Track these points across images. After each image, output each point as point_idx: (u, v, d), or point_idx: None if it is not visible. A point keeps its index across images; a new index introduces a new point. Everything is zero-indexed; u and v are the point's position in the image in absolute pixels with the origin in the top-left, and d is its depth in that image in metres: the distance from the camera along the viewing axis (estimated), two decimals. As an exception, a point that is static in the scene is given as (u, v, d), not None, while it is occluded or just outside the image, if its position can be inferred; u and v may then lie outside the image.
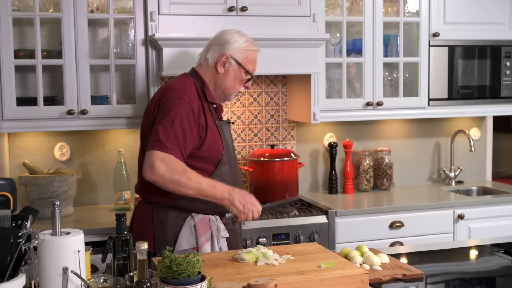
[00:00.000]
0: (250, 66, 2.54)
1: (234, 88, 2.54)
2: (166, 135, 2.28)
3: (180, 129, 2.30)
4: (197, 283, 1.61)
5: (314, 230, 3.16)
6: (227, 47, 2.50)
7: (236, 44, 2.50)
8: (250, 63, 2.54)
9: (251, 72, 2.55)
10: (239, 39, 2.52)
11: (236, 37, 2.52)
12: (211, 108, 2.51)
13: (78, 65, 3.06)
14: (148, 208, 2.46)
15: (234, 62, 2.50)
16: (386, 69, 3.69)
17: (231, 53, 2.50)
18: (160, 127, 2.30)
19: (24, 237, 1.58)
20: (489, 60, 3.75)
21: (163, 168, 2.22)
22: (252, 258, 2.03)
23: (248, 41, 2.54)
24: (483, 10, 3.71)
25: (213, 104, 2.53)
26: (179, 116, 2.32)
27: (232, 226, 2.52)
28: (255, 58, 2.57)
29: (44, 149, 3.36)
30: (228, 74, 2.51)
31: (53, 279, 1.66)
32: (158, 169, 2.22)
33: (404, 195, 3.70)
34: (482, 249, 2.47)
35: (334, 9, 3.53)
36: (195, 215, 2.42)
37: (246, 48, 2.52)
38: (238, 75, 2.52)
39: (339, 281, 1.86)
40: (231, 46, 2.50)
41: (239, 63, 2.50)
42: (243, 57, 2.51)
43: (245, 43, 2.52)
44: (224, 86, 2.52)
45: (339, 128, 3.86)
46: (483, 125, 4.18)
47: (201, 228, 2.40)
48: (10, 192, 1.81)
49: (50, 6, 3.11)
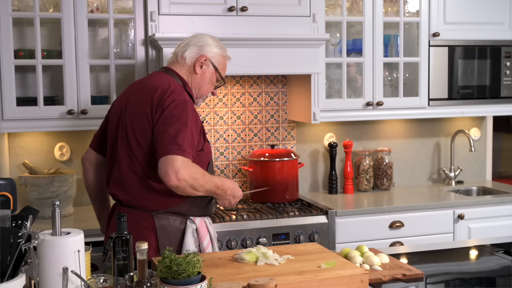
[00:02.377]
0: (223, 71, 2.56)
1: (206, 91, 2.54)
2: (183, 138, 2.21)
3: (190, 132, 2.25)
4: (197, 283, 1.61)
5: (314, 230, 3.16)
6: (206, 50, 2.50)
7: (215, 48, 2.51)
8: (223, 70, 2.56)
9: (224, 79, 2.58)
10: (217, 45, 2.54)
11: (214, 42, 2.54)
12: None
13: (78, 65, 3.06)
14: (144, 216, 2.36)
15: (211, 65, 2.50)
16: (386, 69, 3.69)
17: (210, 56, 2.50)
18: (175, 130, 2.22)
19: (24, 237, 1.58)
20: (489, 60, 3.75)
21: (188, 174, 2.17)
22: (252, 258, 2.03)
23: (223, 49, 2.56)
24: (483, 10, 3.71)
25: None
26: (190, 118, 2.28)
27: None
28: (226, 64, 2.60)
29: (44, 149, 3.36)
30: (205, 75, 2.51)
31: (53, 279, 1.66)
32: (183, 174, 2.16)
33: (404, 195, 3.70)
34: (482, 249, 2.47)
35: (334, 9, 3.53)
36: (195, 219, 2.41)
37: (222, 55, 2.54)
38: (212, 78, 2.52)
39: (339, 281, 1.86)
40: (210, 50, 2.50)
41: (215, 67, 2.51)
42: (218, 62, 2.52)
43: (221, 50, 2.54)
44: (200, 87, 2.51)
45: (339, 128, 3.86)
46: (483, 125, 4.18)
47: (202, 232, 2.41)
48: (10, 192, 1.81)
49: (50, 6, 3.11)
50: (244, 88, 3.63)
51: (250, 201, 3.50)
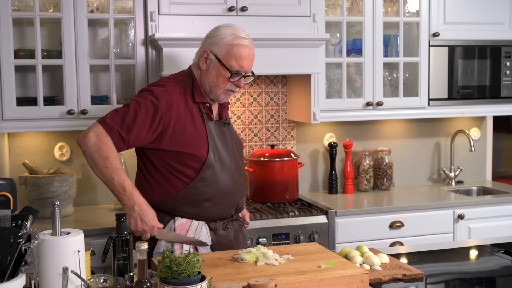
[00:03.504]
0: (233, 62, 2.32)
1: (218, 86, 2.36)
2: (115, 115, 2.30)
3: (132, 116, 2.28)
4: (197, 283, 1.61)
5: (314, 230, 3.16)
6: (209, 42, 2.37)
7: (217, 38, 2.34)
8: (233, 59, 2.32)
9: (233, 69, 2.33)
10: (224, 33, 2.34)
11: (222, 31, 2.35)
12: (202, 108, 2.41)
13: (78, 65, 3.06)
14: None
15: (214, 58, 2.34)
16: (386, 69, 3.69)
17: (211, 48, 2.35)
18: (115, 109, 2.34)
19: (24, 237, 1.58)
20: (489, 60, 3.75)
21: (92, 142, 2.26)
22: (252, 258, 2.03)
23: (234, 35, 2.33)
24: (483, 10, 3.71)
25: (206, 103, 2.42)
26: (137, 104, 2.31)
27: (225, 233, 2.45)
28: (241, 54, 2.33)
29: (44, 149, 3.36)
30: (209, 71, 2.36)
31: (53, 279, 1.66)
32: (88, 141, 2.27)
33: (404, 195, 3.70)
34: (482, 249, 2.47)
35: (334, 9, 3.53)
36: (178, 219, 2.38)
37: (228, 43, 2.32)
38: (219, 72, 2.34)
39: (339, 281, 1.86)
40: (212, 41, 2.36)
41: (218, 59, 2.33)
42: (223, 52, 2.33)
43: (229, 37, 2.32)
44: (208, 83, 2.38)
45: (339, 128, 3.86)
46: (483, 125, 4.18)
47: (179, 233, 2.36)
48: (10, 192, 1.81)
49: (50, 6, 3.11)
50: (244, 88, 3.63)
51: (250, 201, 3.50)
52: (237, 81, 2.37)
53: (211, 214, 2.40)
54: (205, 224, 2.40)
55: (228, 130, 2.50)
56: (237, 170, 2.47)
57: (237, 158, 2.50)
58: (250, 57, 2.37)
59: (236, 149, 2.51)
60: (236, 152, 2.50)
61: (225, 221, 2.44)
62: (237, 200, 2.47)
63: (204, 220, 2.40)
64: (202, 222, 2.40)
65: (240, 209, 2.53)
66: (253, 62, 2.41)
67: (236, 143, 2.53)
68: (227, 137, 2.47)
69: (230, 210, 2.46)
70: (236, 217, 2.51)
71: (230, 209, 2.45)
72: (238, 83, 2.38)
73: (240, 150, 2.56)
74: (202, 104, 2.42)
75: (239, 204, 2.49)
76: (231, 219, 2.47)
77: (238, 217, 2.53)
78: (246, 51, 2.35)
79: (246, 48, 2.35)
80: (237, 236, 2.51)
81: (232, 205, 2.45)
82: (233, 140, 2.51)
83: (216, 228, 2.42)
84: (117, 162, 2.28)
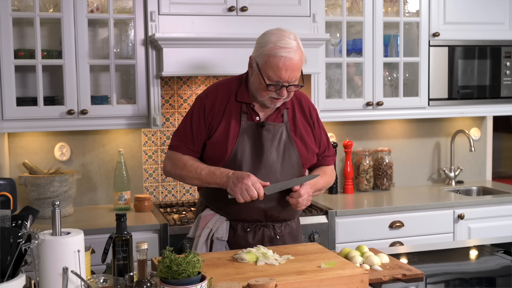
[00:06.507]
0: (271, 73, 2.24)
1: (260, 93, 2.31)
2: (175, 134, 2.45)
3: (189, 125, 2.41)
4: (197, 283, 1.61)
5: (314, 230, 3.16)
6: (255, 49, 2.33)
7: (259, 45, 2.30)
8: (271, 70, 2.24)
9: (271, 81, 2.25)
10: (266, 41, 2.28)
11: (266, 38, 2.29)
12: (244, 107, 2.37)
13: (78, 65, 3.06)
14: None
15: (255, 66, 2.30)
16: (386, 69, 3.69)
17: (255, 55, 2.31)
18: (175, 130, 2.50)
19: (24, 237, 1.58)
20: (489, 60, 3.75)
21: (169, 166, 2.45)
22: (252, 258, 2.03)
23: (274, 44, 2.25)
24: (483, 10, 3.71)
25: (250, 104, 2.36)
26: (190, 110, 2.44)
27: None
28: (278, 64, 2.23)
29: (44, 149, 3.36)
30: (253, 77, 2.33)
31: (53, 279, 1.66)
32: (165, 167, 2.47)
33: (404, 195, 3.70)
34: (482, 249, 2.47)
35: (334, 9, 3.53)
36: (206, 210, 2.44)
37: (266, 53, 2.25)
38: (260, 80, 2.29)
39: (339, 281, 1.85)
40: (256, 48, 2.32)
41: (259, 67, 2.28)
42: (262, 62, 2.27)
43: (269, 46, 2.25)
44: (253, 89, 2.35)
45: (339, 128, 3.86)
46: (483, 125, 4.18)
47: (201, 222, 2.41)
48: (10, 192, 1.81)
49: (50, 6, 3.11)
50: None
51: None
52: (278, 91, 2.29)
53: (229, 212, 2.36)
54: (227, 220, 2.39)
55: (268, 133, 2.37)
56: (270, 176, 2.33)
57: (275, 165, 2.36)
58: (289, 66, 2.25)
59: (280, 156, 2.38)
60: (276, 159, 2.37)
61: (247, 223, 2.37)
62: (262, 207, 2.34)
63: (225, 217, 2.39)
64: (223, 218, 2.39)
65: (273, 217, 2.39)
66: (296, 70, 2.27)
67: (284, 151, 2.39)
68: (265, 138, 2.37)
69: (252, 214, 2.35)
70: (265, 224, 2.39)
71: (251, 214, 2.35)
72: (280, 92, 2.29)
73: (288, 159, 2.39)
74: (246, 104, 2.37)
75: (267, 212, 2.36)
76: (257, 224, 2.38)
77: (269, 225, 2.40)
78: (285, 62, 2.25)
79: (284, 59, 2.25)
80: (261, 243, 2.37)
81: (253, 209, 2.34)
82: (272, 146, 2.37)
83: (235, 227, 2.38)
84: (194, 162, 2.37)
